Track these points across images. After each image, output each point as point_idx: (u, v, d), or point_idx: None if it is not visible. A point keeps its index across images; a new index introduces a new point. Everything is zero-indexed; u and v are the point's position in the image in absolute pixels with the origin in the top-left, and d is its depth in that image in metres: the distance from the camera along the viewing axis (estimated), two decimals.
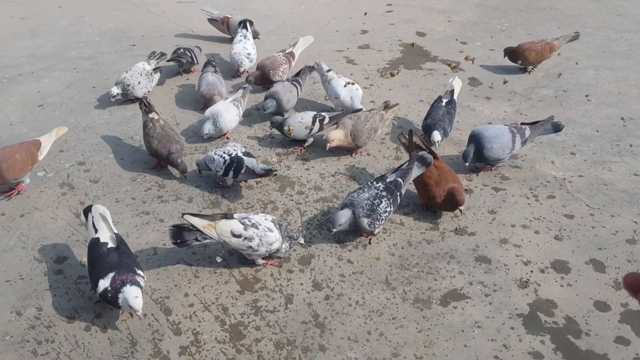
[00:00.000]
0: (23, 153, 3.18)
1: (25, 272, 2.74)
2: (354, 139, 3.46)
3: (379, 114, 3.60)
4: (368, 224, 2.77)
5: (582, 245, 2.86)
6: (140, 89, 4.18)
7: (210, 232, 2.57)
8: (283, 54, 4.48)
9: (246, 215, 2.67)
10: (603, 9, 6.20)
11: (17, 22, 6.07)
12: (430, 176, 3.02)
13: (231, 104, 3.77)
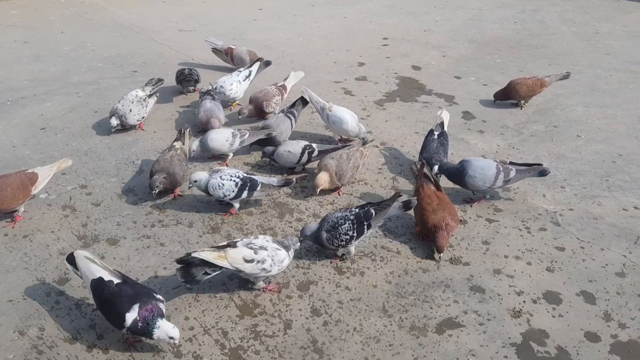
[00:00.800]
0: (15, 187, 3.18)
1: (27, 292, 2.78)
2: (339, 178, 3.53)
3: (359, 151, 3.68)
4: (326, 238, 2.91)
5: (573, 277, 2.95)
6: (133, 116, 4.21)
7: (223, 262, 2.60)
8: (275, 86, 4.58)
9: (248, 240, 2.73)
10: (593, 48, 6.40)
11: (20, 46, 6.17)
12: (429, 203, 3.11)
13: (227, 130, 3.87)
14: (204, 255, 2.58)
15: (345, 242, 2.92)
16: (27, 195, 3.24)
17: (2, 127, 4.40)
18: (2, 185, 3.16)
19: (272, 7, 7.88)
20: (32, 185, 3.27)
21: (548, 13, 7.75)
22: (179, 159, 3.53)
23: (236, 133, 3.87)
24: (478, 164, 3.45)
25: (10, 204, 3.17)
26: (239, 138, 3.86)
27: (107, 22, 7.01)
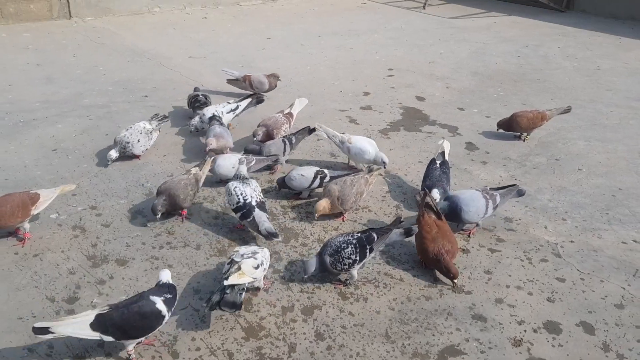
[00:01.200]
0: (15, 205, 3.24)
1: (37, 310, 2.83)
2: (341, 203, 3.59)
3: (364, 178, 3.75)
4: (330, 262, 2.98)
5: (572, 307, 2.99)
6: (139, 146, 4.28)
7: (246, 279, 2.77)
8: (282, 114, 4.69)
9: (237, 252, 2.92)
10: (594, 84, 6.52)
11: (32, 69, 6.32)
12: (429, 231, 3.18)
13: (234, 157, 3.96)
14: (237, 280, 2.74)
15: (348, 265, 2.99)
16: (26, 215, 3.30)
17: (14, 147, 4.50)
18: (3, 202, 3.24)
19: (280, 37, 8.05)
20: (32, 205, 3.32)
21: (550, 48, 7.90)
22: (187, 183, 3.60)
23: (242, 160, 3.94)
24: (465, 196, 3.51)
25: (8, 220, 3.24)
26: (245, 165, 3.94)
27: (119, 47, 7.17)
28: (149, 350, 2.62)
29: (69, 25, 8.10)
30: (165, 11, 9.14)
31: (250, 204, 3.36)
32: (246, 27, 8.52)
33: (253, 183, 3.55)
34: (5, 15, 7.87)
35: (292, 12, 9.69)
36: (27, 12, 8.03)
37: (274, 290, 3.04)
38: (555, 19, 9.55)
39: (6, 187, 3.88)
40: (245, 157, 3.99)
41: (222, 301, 2.70)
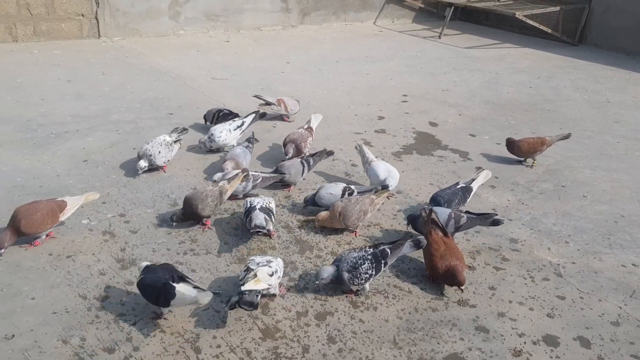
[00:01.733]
0: (45, 212, 3.47)
1: (70, 306, 3.05)
2: (343, 219, 3.76)
3: (369, 198, 3.91)
4: (348, 278, 3.16)
5: (571, 323, 3.16)
6: (161, 158, 4.50)
7: (262, 285, 2.98)
8: (304, 129, 4.95)
9: (253, 260, 3.14)
10: (603, 116, 6.72)
11: (63, 85, 6.64)
12: (437, 249, 3.37)
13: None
14: (254, 287, 2.95)
15: (365, 280, 3.20)
16: (55, 222, 3.54)
17: (47, 157, 4.77)
18: (33, 210, 3.46)
19: (299, 62, 8.35)
20: (60, 212, 3.56)
21: (562, 80, 8.13)
22: (209, 194, 3.81)
23: (249, 177, 4.16)
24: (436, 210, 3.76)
25: (39, 228, 3.46)
26: (251, 182, 4.17)
27: (145, 67, 7.50)
28: (174, 346, 2.82)
29: (97, 45, 8.46)
30: (190, 34, 9.50)
31: (253, 207, 3.68)
32: (266, 51, 8.84)
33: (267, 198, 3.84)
34: (37, 33, 8.25)
35: (311, 38, 10.02)
36: (59, 30, 8.41)
37: (289, 296, 3.24)
38: (568, 52, 9.79)
39: (40, 193, 4.14)
40: (253, 174, 4.20)
41: (240, 300, 2.91)
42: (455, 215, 3.75)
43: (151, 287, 2.87)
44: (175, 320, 3.00)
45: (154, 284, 2.86)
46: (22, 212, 3.42)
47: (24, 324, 2.91)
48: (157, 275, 2.89)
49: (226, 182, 4.00)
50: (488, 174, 4.42)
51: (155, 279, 2.88)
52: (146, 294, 2.92)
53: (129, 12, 8.85)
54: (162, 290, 2.83)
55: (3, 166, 4.53)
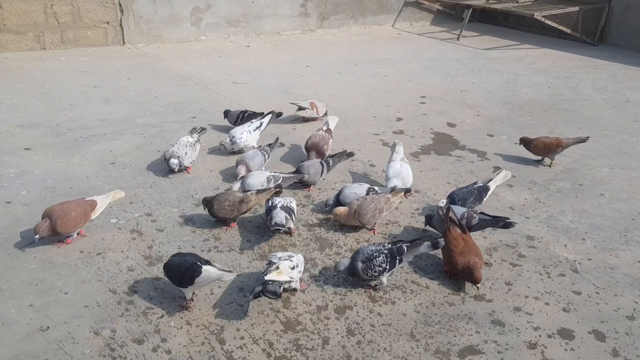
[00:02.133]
0: (78, 211, 3.63)
1: (101, 300, 3.20)
2: (358, 216, 3.85)
3: (385, 197, 3.99)
4: (361, 268, 3.27)
5: (586, 317, 3.22)
6: (188, 158, 4.64)
7: (284, 277, 3.10)
8: (323, 131, 5.07)
9: (275, 255, 3.28)
10: (622, 115, 6.72)
11: (90, 90, 6.85)
12: (457, 245, 3.45)
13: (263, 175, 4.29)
14: (277, 278, 3.08)
15: (378, 273, 3.29)
16: (87, 220, 3.71)
17: (77, 160, 4.95)
18: (67, 210, 3.61)
19: (318, 65, 8.48)
20: (92, 211, 3.73)
21: (581, 80, 8.13)
22: (228, 198, 3.87)
23: (271, 178, 4.28)
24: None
25: (73, 227, 3.62)
26: (273, 182, 4.29)
27: (169, 72, 7.69)
28: (199, 337, 2.95)
29: (122, 51, 8.70)
30: (211, 39, 9.70)
31: (274, 205, 3.80)
32: (286, 55, 8.99)
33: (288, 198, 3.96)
34: (64, 41, 8.51)
35: (329, 41, 10.15)
36: (85, 38, 8.66)
37: (310, 291, 3.35)
38: (587, 52, 9.77)
39: (70, 194, 4.32)
40: (273, 174, 4.32)
41: (264, 290, 3.04)
42: (468, 215, 3.82)
43: (178, 267, 3.05)
44: (201, 313, 3.13)
45: (182, 264, 3.05)
46: (57, 212, 3.58)
47: (57, 316, 3.07)
48: (185, 258, 3.10)
49: (254, 192, 4.04)
50: (507, 175, 4.49)
51: (183, 261, 3.08)
52: (172, 273, 3.08)
53: (152, 19, 9.08)
54: (189, 269, 3.01)
55: (35, 169, 4.73)
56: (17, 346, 2.86)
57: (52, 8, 8.22)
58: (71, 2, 8.34)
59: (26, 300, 3.18)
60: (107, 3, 8.60)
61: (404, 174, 4.44)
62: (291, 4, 10.36)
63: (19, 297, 3.20)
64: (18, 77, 7.09)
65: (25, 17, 8.09)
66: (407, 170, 4.49)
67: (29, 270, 3.44)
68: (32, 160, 4.88)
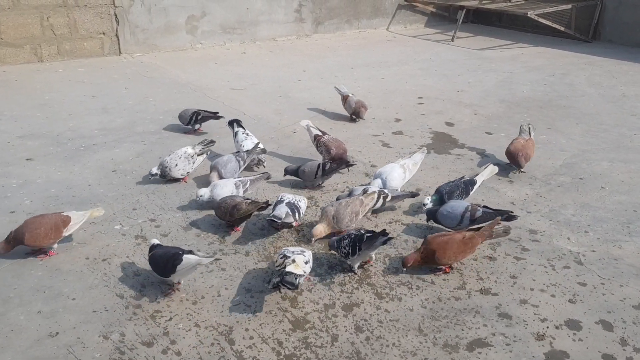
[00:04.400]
0: (48, 227, 3.54)
1: (109, 305, 3.21)
2: (336, 222, 3.81)
3: (359, 199, 3.95)
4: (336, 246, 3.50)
5: (593, 308, 3.24)
6: (177, 170, 4.56)
7: (300, 270, 3.18)
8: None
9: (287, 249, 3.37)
10: (619, 109, 6.76)
11: (89, 100, 6.86)
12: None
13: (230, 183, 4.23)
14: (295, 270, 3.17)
15: (344, 254, 3.44)
16: (58, 236, 3.61)
17: (78, 169, 4.96)
18: (37, 224, 3.54)
19: (315, 69, 8.52)
20: (64, 227, 3.62)
21: (577, 77, 8.18)
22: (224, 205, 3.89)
23: (238, 184, 4.25)
24: (452, 203, 3.95)
25: (42, 242, 3.56)
26: (242, 188, 4.25)
27: (166, 81, 7.71)
28: (208, 338, 2.96)
29: (119, 61, 8.72)
30: (207, 47, 9.73)
31: (282, 201, 3.88)
32: (282, 61, 9.02)
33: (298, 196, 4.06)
34: (61, 53, 8.52)
35: (325, 46, 10.19)
36: (81, 49, 8.68)
37: (317, 290, 3.36)
38: (582, 49, 9.84)
39: (73, 202, 4.33)
40: (240, 180, 4.29)
41: (283, 280, 3.14)
42: (472, 208, 3.85)
43: (161, 258, 3.23)
44: (209, 315, 3.14)
45: (165, 254, 3.23)
46: (28, 225, 3.54)
47: (66, 322, 3.07)
48: (168, 249, 3.30)
49: (249, 202, 4.00)
50: (494, 170, 4.51)
51: (166, 251, 3.27)
52: (156, 265, 3.26)
53: (148, 28, 9.11)
54: (171, 258, 3.18)
55: (37, 178, 4.74)
56: (27, 352, 2.87)
57: (48, 20, 8.24)
58: (67, 14, 8.36)
59: (34, 307, 3.18)
60: (102, 14, 8.63)
61: (385, 175, 4.39)
62: (286, 10, 10.40)
63: (27, 304, 3.21)
64: (17, 90, 7.11)
65: (22, 30, 8.11)
66: (394, 171, 4.42)
67: (36, 277, 3.44)
68: (34, 170, 4.89)
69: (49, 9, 8.21)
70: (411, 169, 4.58)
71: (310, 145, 5.28)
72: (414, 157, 4.68)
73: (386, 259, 3.68)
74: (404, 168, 4.51)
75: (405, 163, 4.57)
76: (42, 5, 8.15)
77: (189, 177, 4.76)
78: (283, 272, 3.16)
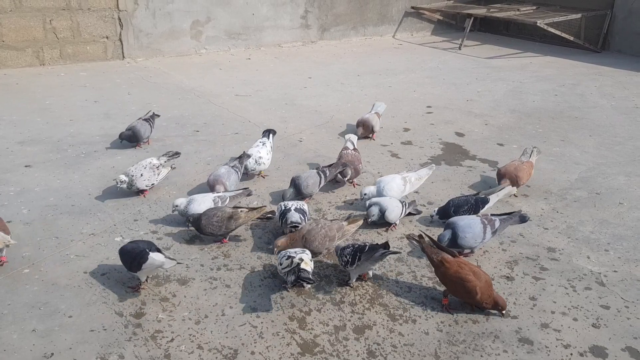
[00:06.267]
0: None
1: (107, 323, 3.04)
2: (305, 242, 3.58)
3: (338, 224, 3.74)
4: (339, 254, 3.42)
5: (618, 333, 3.07)
6: (142, 181, 4.35)
7: (309, 267, 3.23)
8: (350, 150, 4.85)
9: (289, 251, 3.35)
10: (632, 121, 6.61)
11: (91, 105, 6.71)
12: (467, 272, 3.14)
13: (209, 199, 4.02)
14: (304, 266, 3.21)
15: (344, 263, 3.36)
16: None
17: (78, 176, 4.80)
18: None
19: (321, 76, 8.37)
20: None
21: (587, 87, 8.02)
22: (218, 216, 3.73)
23: (217, 199, 4.06)
24: (463, 223, 3.67)
25: None
26: (220, 203, 4.05)
27: (170, 86, 7.57)
28: None
29: (122, 65, 8.57)
30: (211, 52, 9.59)
31: (287, 209, 3.86)
32: (288, 67, 8.88)
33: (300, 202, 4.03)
34: (64, 56, 8.38)
35: (330, 53, 10.05)
36: (84, 53, 8.54)
37: (326, 310, 3.19)
38: (591, 59, 9.69)
39: (73, 212, 4.17)
40: (219, 196, 4.10)
41: (299, 277, 3.15)
42: (488, 220, 3.68)
43: (130, 253, 3.24)
44: (212, 336, 2.97)
45: (133, 250, 3.24)
46: None
47: (62, 342, 2.90)
48: (138, 245, 3.28)
49: (245, 210, 3.89)
50: (511, 191, 4.36)
51: (135, 247, 3.25)
52: (124, 259, 3.28)
53: (152, 33, 8.97)
54: (138, 255, 3.18)
55: (35, 186, 4.58)
56: None
57: (51, 23, 8.11)
58: (70, 17, 8.22)
59: (29, 325, 3.01)
60: (106, 18, 8.49)
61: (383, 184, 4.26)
62: (292, 16, 10.27)
63: (21, 321, 3.04)
64: (17, 94, 6.96)
65: (24, 33, 7.97)
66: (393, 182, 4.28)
67: (31, 292, 3.27)
68: (32, 178, 4.73)
69: (51, 11, 8.07)
70: (413, 183, 4.43)
71: (318, 155, 5.12)
72: (420, 171, 4.56)
73: (399, 277, 3.51)
74: (405, 180, 4.36)
75: (408, 176, 4.42)
76: (45, 8, 8.01)
77: (197, 186, 4.61)
78: (296, 270, 3.18)
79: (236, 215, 3.81)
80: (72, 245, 3.76)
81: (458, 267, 3.18)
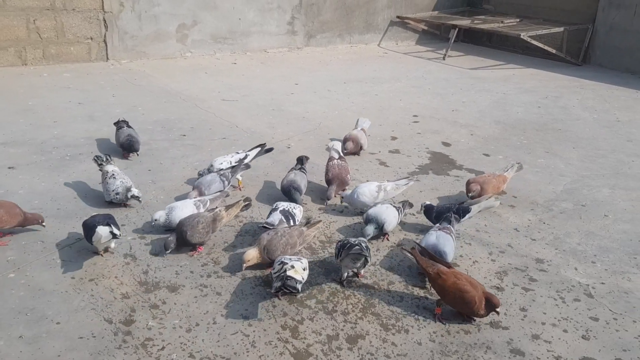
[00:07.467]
0: None
1: (96, 330, 2.98)
2: (267, 253, 3.51)
3: (299, 230, 3.71)
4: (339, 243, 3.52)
5: (607, 345, 3.10)
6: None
7: (298, 275, 3.20)
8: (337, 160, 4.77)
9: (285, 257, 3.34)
10: (614, 135, 6.72)
11: (75, 107, 6.62)
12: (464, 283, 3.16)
13: (190, 205, 3.98)
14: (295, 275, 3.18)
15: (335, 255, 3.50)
16: None
17: (63, 179, 4.72)
18: None
19: (307, 83, 8.37)
20: None
21: (570, 100, 8.14)
22: (202, 221, 3.68)
23: (198, 204, 4.02)
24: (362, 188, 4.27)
25: None
26: (202, 208, 4.01)
27: (155, 89, 7.49)
28: None
29: (106, 67, 8.47)
30: (197, 56, 9.53)
31: (276, 209, 3.94)
32: (274, 73, 8.86)
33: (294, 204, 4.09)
34: (47, 57, 8.26)
35: (317, 59, 10.06)
36: (68, 54, 8.42)
37: (319, 319, 3.18)
38: (573, 72, 9.85)
39: (58, 216, 4.10)
40: (200, 200, 4.08)
41: (285, 285, 3.13)
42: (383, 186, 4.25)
43: (86, 226, 3.52)
44: (204, 344, 2.93)
45: (89, 224, 3.50)
46: None
47: (50, 349, 2.84)
48: (95, 218, 3.54)
49: (223, 209, 3.87)
50: (494, 204, 4.38)
51: (93, 220, 3.52)
52: (84, 231, 3.56)
53: (137, 35, 8.89)
54: (90, 229, 3.45)
55: (19, 189, 4.48)
56: None
57: (34, 23, 7.98)
58: (54, 17, 8.11)
59: (15, 331, 2.94)
60: (91, 19, 8.39)
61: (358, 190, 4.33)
62: (278, 22, 10.26)
63: (8, 327, 2.96)
64: None
65: (7, 32, 7.83)
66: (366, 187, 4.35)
67: (17, 297, 3.20)
68: (16, 180, 4.63)
69: (35, 11, 7.95)
70: (388, 191, 4.42)
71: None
72: (399, 181, 4.60)
73: (390, 287, 3.51)
74: (379, 188, 4.38)
75: (384, 185, 4.44)
76: (29, 7, 7.89)
77: (189, 192, 4.55)
78: (283, 276, 3.14)
79: (219, 216, 3.79)
80: (58, 249, 3.68)
81: (455, 279, 3.19)
